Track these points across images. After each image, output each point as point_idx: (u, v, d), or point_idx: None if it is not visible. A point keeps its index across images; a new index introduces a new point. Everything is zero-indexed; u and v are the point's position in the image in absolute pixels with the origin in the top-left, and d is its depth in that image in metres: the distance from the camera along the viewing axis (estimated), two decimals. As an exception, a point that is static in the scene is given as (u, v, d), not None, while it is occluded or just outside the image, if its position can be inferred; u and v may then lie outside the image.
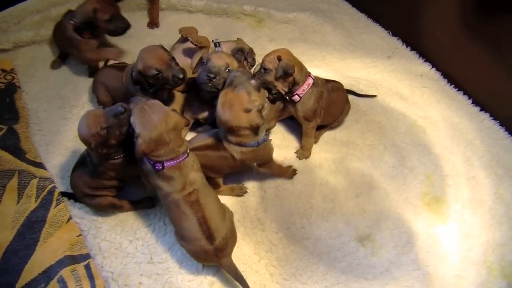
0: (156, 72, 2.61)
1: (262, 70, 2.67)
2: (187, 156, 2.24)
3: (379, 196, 2.85)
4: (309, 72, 2.79)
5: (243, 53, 3.15)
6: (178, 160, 2.20)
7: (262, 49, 3.55)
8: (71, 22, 3.05)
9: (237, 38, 3.33)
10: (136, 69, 2.64)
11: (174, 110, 2.24)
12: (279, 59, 2.63)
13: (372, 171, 2.95)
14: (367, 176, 2.93)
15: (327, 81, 2.92)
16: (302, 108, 2.80)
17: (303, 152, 3.00)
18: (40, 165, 2.85)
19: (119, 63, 3.19)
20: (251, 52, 3.22)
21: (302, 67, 2.73)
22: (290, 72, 2.64)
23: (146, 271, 2.52)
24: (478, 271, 2.58)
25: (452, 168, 2.98)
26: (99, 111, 2.30)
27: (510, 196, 2.86)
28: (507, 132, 3.16)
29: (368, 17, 3.92)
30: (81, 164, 2.55)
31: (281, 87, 2.73)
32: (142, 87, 2.71)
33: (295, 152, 3.03)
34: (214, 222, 2.25)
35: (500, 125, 3.19)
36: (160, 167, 2.18)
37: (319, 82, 2.81)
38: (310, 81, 2.75)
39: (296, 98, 2.76)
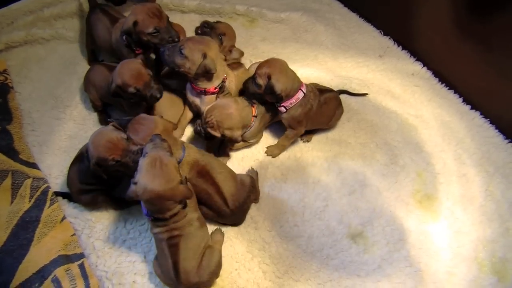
0: (135, 91, 2.62)
1: (253, 82, 2.72)
2: (177, 214, 2.19)
3: (371, 194, 2.87)
4: (302, 84, 2.80)
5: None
6: (164, 219, 2.17)
7: (254, 48, 3.57)
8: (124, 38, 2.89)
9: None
10: (115, 83, 2.62)
11: (185, 180, 2.17)
12: (269, 77, 2.65)
13: (364, 169, 2.97)
14: (359, 174, 2.95)
15: (322, 91, 2.91)
16: (287, 117, 2.82)
17: (273, 150, 3.01)
18: (33, 165, 2.85)
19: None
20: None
21: (293, 82, 2.73)
22: (277, 94, 2.67)
23: (140, 270, 2.53)
24: (469, 267, 2.61)
25: (443, 166, 3.00)
26: (121, 141, 2.30)
27: (500, 193, 2.89)
28: (497, 130, 3.18)
29: (360, 16, 3.93)
30: (78, 159, 2.56)
31: (269, 99, 2.77)
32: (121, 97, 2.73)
33: (266, 147, 3.04)
34: (184, 269, 2.23)
35: (490, 123, 3.21)
36: (151, 218, 2.19)
37: (311, 96, 2.81)
38: (300, 95, 2.76)
39: (282, 109, 2.79)
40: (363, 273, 2.58)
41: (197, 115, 2.97)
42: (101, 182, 2.50)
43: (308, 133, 3.06)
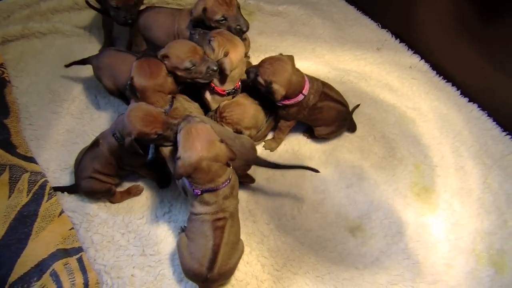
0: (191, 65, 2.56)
1: (254, 77, 2.65)
2: (228, 184, 2.20)
3: (369, 187, 2.87)
4: (306, 85, 2.70)
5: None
6: (216, 189, 2.16)
7: (252, 42, 3.53)
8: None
9: None
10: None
11: (224, 142, 2.19)
12: (271, 83, 2.58)
13: (362, 162, 2.97)
14: (357, 167, 2.95)
15: (327, 97, 2.81)
16: (281, 110, 2.81)
17: (271, 144, 3.01)
18: (31, 160, 2.85)
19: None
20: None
21: (295, 87, 2.66)
22: (276, 98, 2.64)
23: (139, 264, 2.54)
24: (467, 259, 2.62)
25: (441, 159, 3.01)
26: (160, 114, 2.30)
27: (498, 186, 2.89)
28: (495, 123, 3.18)
29: (357, 9, 3.93)
30: (95, 146, 2.53)
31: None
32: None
33: (264, 141, 3.04)
34: (223, 255, 2.21)
35: (488, 116, 3.22)
36: (199, 193, 2.16)
37: (310, 97, 2.74)
38: (300, 98, 2.70)
39: (278, 104, 2.76)
40: (361, 265, 2.59)
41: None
42: (113, 172, 2.57)
43: (311, 131, 3.04)
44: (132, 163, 2.58)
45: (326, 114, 2.84)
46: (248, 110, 2.69)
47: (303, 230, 2.70)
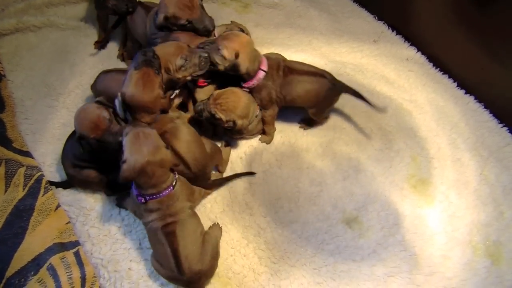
0: (186, 23, 2.61)
1: (217, 50, 2.59)
2: (172, 189, 2.22)
3: (366, 179, 2.87)
4: (263, 61, 2.72)
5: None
6: (159, 196, 2.19)
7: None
8: None
9: (231, 21, 3.34)
10: (163, 14, 2.64)
11: (169, 148, 2.22)
12: (237, 56, 2.58)
13: (359, 155, 2.97)
14: (354, 159, 2.95)
15: (291, 71, 2.77)
16: (256, 97, 2.79)
17: (265, 138, 3.01)
18: (27, 154, 2.84)
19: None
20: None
21: (254, 62, 2.67)
22: (239, 73, 2.64)
23: (136, 257, 2.54)
24: (464, 251, 2.62)
25: (438, 151, 3.01)
26: (103, 121, 2.34)
27: (494, 177, 2.90)
28: (491, 115, 3.18)
29: (354, 1, 3.90)
30: (72, 136, 2.57)
31: (223, 70, 2.68)
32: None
33: (260, 135, 3.03)
34: (187, 257, 2.23)
35: (484, 108, 3.22)
36: (142, 200, 2.20)
37: (273, 73, 2.74)
38: (261, 75, 2.71)
39: (244, 89, 2.76)
40: (358, 257, 2.60)
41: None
42: (94, 160, 2.54)
43: (308, 122, 3.04)
44: (103, 156, 2.54)
45: (301, 89, 2.78)
46: (242, 98, 2.67)
47: (300, 222, 2.70)
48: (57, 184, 2.74)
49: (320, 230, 2.68)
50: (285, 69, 2.76)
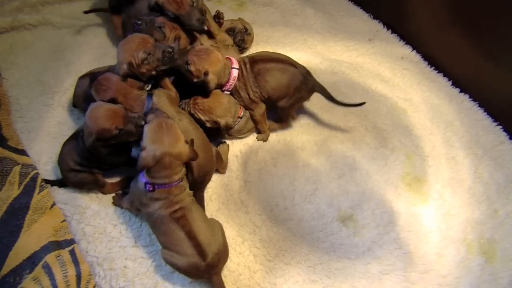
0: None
1: (186, 66, 2.61)
2: (180, 182, 2.24)
3: (361, 177, 2.88)
4: (232, 61, 2.77)
5: (233, 33, 3.21)
6: (169, 186, 2.20)
7: (243, 33, 3.55)
8: None
9: (238, 18, 3.38)
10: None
11: (190, 142, 2.24)
12: (206, 74, 2.60)
13: (354, 153, 2.98)
14: (349, 157, 2.96)
15: (255, 62, 2.80)
16: (238, 99, 2.83)
17: (261, 136, 3.01)
18: (22, 152, 2.83)
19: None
20: (242, 32, 3.27)
21: (223, 73, 2.71)
22: (209, 88, 2.67)
23: (131, 255, 2.54)
24: (458, 249, 2.64)
25: (432, 149, 3.02)
26: (120, 109, 2.31)
27: (489, 176, 2.91)
28: (486, 113, 3.20)
29: (349, 0, 3.92)
30: (73, 138, 2.55)
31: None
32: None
33: (257, 134, 3.04)
34: (203, 236, 2.23)
35: (479, 106, 3.23)
36: (151, 188, 2.19)
37: (244, 71, 2.78)
38: (235, 73, 2.74)
39: (226, 93, 2.80)
40: (353, 255, 2.61)
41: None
42: (94, 165, 2.54)
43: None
44: (114, 161, 2.58)
45: (271, 78, 2.76)
46: (219, 99, 2.72)
47: (295, 220, 2.71)
48: (52, 182, 2.73)
49: (315, 228, 2.68)
50: (250, 62, 2.79)
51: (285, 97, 2.81)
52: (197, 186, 2.58)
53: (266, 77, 2.76)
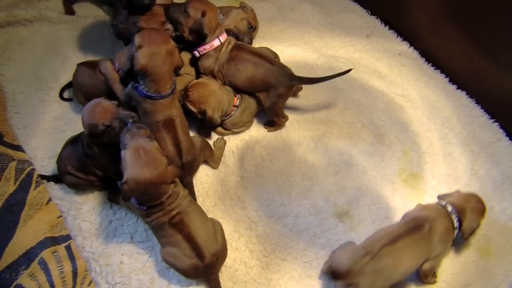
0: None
1: (183, 11, 2.63)
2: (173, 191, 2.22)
3: (357, 173, 2.88)
4: (223, 34, 2.77)
5: (237, 37, 3.08)
6: (161, 204, 2.17)
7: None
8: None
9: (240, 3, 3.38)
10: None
11: (170, 162, 2.21)
12: (203, 14, 2.62)
13: (351, 149, 2.98)
14: (345, 153, 2.96)
15: (240, 49, 2.80)
16: (201, 65, 2.82)
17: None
18: (18, 148, 2.83)
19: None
20: (247, 35, 3.20)
21: (215, 29, 2.72)
22: (203, 33, 2.66)
23: (127, 251, 2.54)
24: (453, 245, 2.63)
25: (429, 145, 3.02)
26: (112, 106, 2.29)
27: (485, 172, 2.91)
28: (483, 110, 3.20)
29: (346, -5, 3.92)
30: (73, 143, 2.54)
31: (186, 34, 2.71)
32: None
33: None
34: (201, 238, 2.24)
35: (476, 103, 3.23)
36: (145, 208, 2.18)
37: (222, 49, 2.77)
38: (216, 42, 2.74)
39: (195, 53, 2.78)
40: (349, 251, 2.61)
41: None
42: (91, 171, 2.52)
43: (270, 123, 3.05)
44: (106, 166, 2.51)
45: (243, 68, 2.77)
46: (209, 88, 2.72)
47: (291, 216, 2.71)
48: (48, 178, 2.73)
49: (312, 224, 2.68)
50: (234, 45, 2.80)
51: (249, 88, 2.85)
52: (185, 172, 2.58)
53: (239, 65, 2.77)
